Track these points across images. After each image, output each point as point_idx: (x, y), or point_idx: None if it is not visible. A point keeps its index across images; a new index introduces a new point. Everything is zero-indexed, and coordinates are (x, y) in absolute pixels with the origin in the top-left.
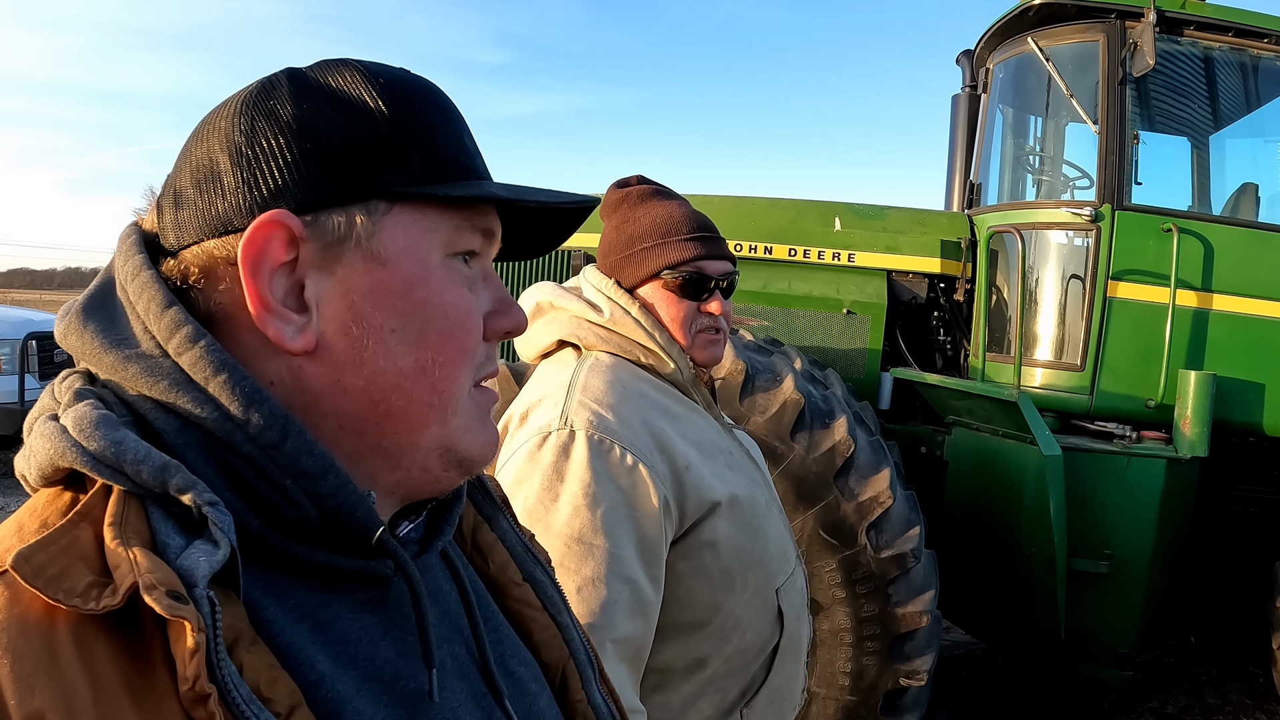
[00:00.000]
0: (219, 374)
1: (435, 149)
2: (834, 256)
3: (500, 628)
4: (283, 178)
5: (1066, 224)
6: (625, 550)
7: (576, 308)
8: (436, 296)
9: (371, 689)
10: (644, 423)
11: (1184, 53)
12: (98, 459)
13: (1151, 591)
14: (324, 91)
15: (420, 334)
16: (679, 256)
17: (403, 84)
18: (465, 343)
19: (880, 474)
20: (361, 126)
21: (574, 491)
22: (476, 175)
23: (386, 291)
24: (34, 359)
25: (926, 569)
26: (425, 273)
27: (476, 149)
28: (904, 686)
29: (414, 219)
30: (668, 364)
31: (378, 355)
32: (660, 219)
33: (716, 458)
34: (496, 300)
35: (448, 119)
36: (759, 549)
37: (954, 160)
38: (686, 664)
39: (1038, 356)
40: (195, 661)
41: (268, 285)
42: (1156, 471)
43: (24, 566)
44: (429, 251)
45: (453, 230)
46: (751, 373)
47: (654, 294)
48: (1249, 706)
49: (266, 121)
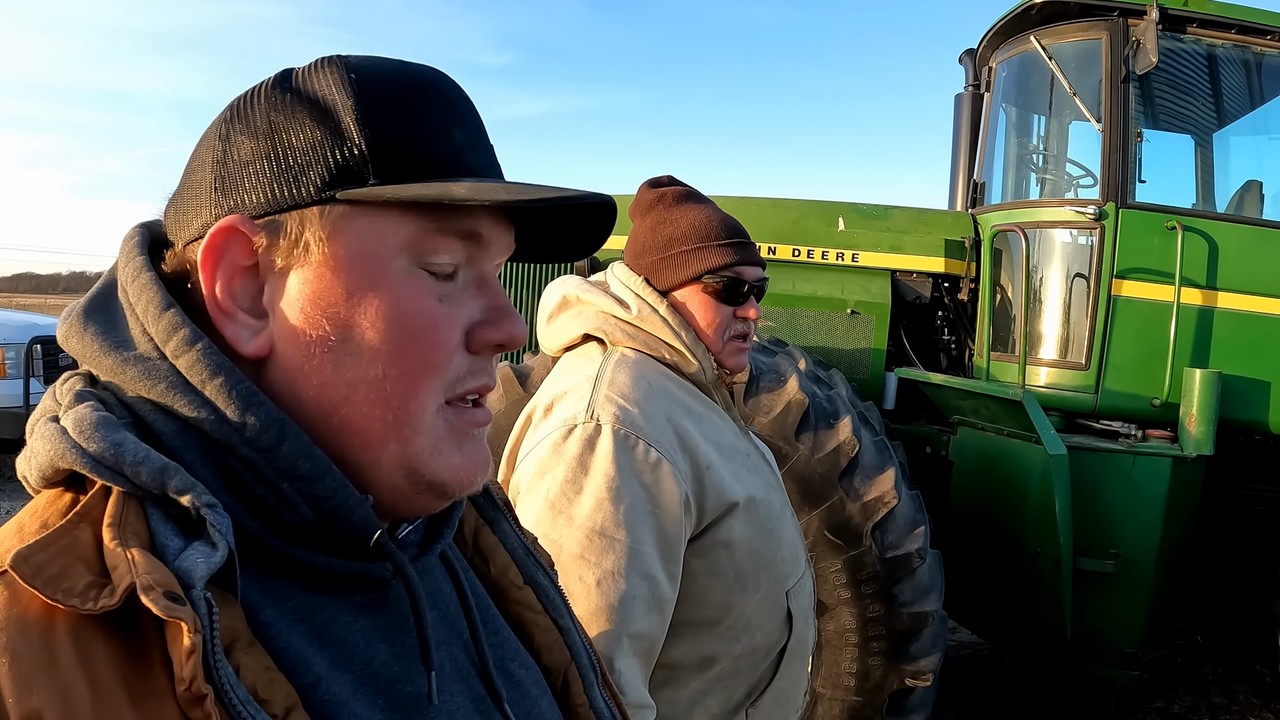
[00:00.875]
0: (216, 377)
1: (403, 145)
2: (838, 256)
3: (500, 631)
4: (245, 182)
5: (1070, 222)
6: (646, 546)
7: (604, 303)
8: (391, 306)
9: (368, 692)
10: (669, 420)
11: (1187, 50)
12: (97, 460)
13: (1157, 591)
14: (296, 94)
15: (372, 346)
16: (719, 261)
17: (380, 77)
18: (427, 357)
19: (885, 474)
20: (324, 128)
21: (598, 485)
22: (459, 172)
23: (336, 299)
24: (38, 363)
25: (932, 569)
26: (379, 280)
27: (472, 143)
28: (910, 687)
29: (369, 223)
30: (692, 363)
31: (326, 365)
32: (699, 223)
33: (735, 459)
34: (488, 309)
35: (430, 112)
36: (772, 551)
37: (957, 159)
38: (696, 661)
39: (1042, 355)
40: (192, 662)
41: (226, 289)
42: (1162, 470)
43: (23, 566)
44: (386, 257)
45: (416, 234)
46: (756, 373)
47: (691, 298)
48: (1256, 706)
49: (242, 125)
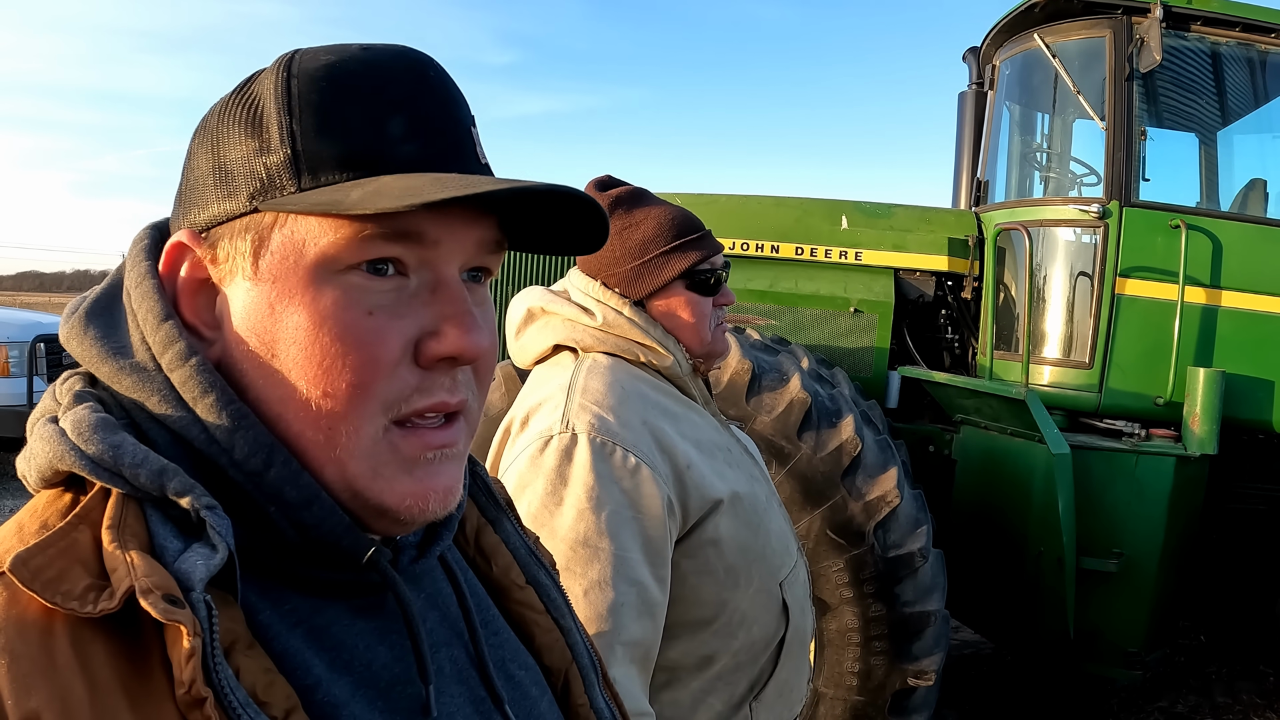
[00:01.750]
0: (207, 395)
1: (322, 148)
2: (841, 255)
3: (501, 631)
4: (196, 195)
5: (1074, 221)
6: (631, 552)
7: (569, 311)
8: (312, 320)
9: (367, 694)
10: (645, 423)
11: (1191, 48)
12: (96, 462)
13: (1161, 590)
14: (242, 103)
15: (297, 362)
16: (697, 257)
17: (318, 76)
18: (358, 375)
19: (888, 473)
20: (256, 138)
21: (578, 495)
22: (388, 167)
23: (261, 313)
24: (42, 361)
25: (934, 568)
26: (301, 293)
27: (416, 131)
28: (912, 686)
29: (290, 234)
30: (666, 357)
31: (258, 380)
32: (665, 223)
33: (716, 455)
34: (438, 318)
35: (361, 103)
36: (761, 544)
37: (961, 158)
38: (695, 661)
39: (1046, 354)
40: (192, 665)
41: (188, 302)
42: (1165, 470)
43: (22, 569)
44: (310, 269)
45: (342, 241)
46: (758, 372)
47: (675, 297)
48: (1259, 705)
49: (201, 137)
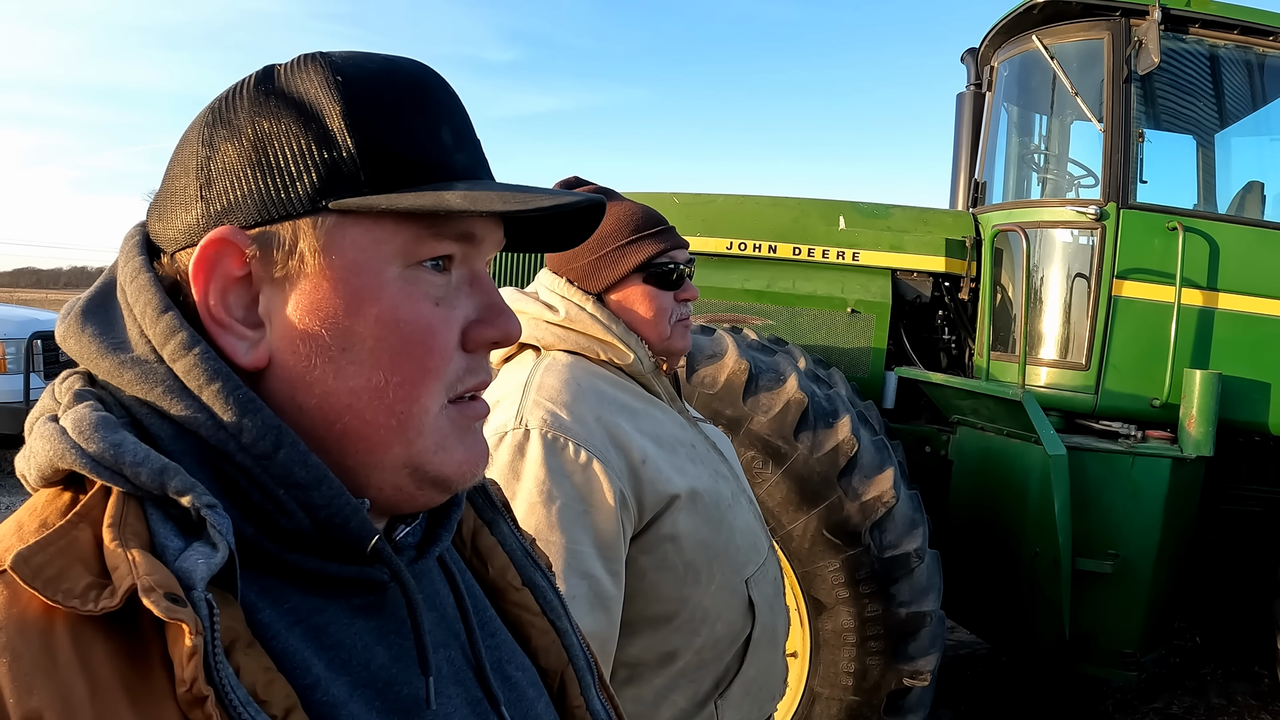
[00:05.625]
0: (212, 382)
1: (394, 151)
2: (838, 255)
3: (498, 633)
4: (234, 192)
5: (1071, 222)
6: (582, 546)
7: (534, 309)
8: (390, 314)
9: (366, 694)
10: (599, 419)
11: (1189, 50)
12: (97, 461)
13: (1156, 591)
14: (281, 96)
15: (373, 353)
16: (653, 250)
17: (366, 79)
18: (426, 362)
19: (884, 474)
20: (310, 134)
21: (529, 489)
22: (449, 175)
23: (334, 308)
24: (39, 358)
25: (930, 569)
26: (376, 288)
27: (460, 141)
28: (908, 687)
29: (364, 231)
30: (627, 354)
31: (328, 375)
32: (624, 217)
33: (678, 451)
34: (482, 308)
35: (419, 113)
36: (724, 541)
37: (959, 159)
38: (656, 657)
39: (1043, 355)
40: (193, 663)
41: (220, 301)
42: (1161, 471)
43: (23, 567)
44: (382, 265)
45: (411, 240)
46: (755, 372)
47: (632, 290)
48: (1254, 707)
49: (225, 131)
